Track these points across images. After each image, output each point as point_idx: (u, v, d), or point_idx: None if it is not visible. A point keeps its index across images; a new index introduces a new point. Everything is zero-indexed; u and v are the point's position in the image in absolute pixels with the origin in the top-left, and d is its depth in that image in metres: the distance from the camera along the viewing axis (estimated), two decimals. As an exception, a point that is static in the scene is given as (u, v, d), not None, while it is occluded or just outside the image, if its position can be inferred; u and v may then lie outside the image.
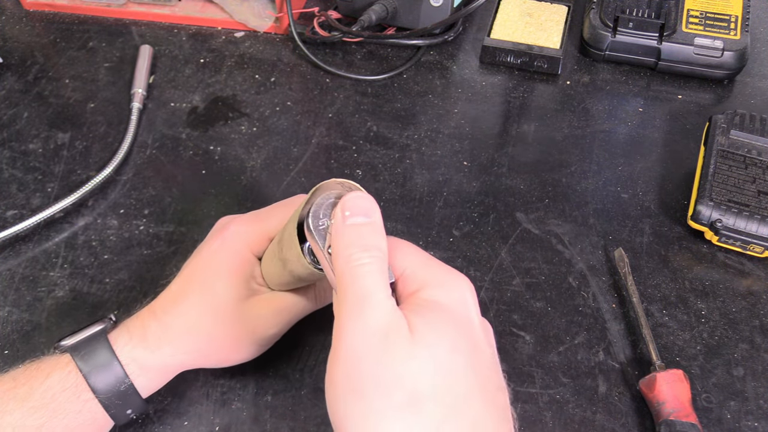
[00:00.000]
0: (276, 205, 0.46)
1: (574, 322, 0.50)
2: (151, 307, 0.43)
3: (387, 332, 0.31)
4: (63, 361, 0.40)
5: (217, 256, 0.43)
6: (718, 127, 0.58)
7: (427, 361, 0.30)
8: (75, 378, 0.39)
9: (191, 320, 0.41)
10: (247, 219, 0.45)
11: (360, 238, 0.34)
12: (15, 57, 0.71)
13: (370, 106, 0.66)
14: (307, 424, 0.44)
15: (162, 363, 0.41)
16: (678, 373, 0.44)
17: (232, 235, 0.43)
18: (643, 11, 0.69)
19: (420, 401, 0.30)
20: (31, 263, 0.53)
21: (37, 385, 0.39)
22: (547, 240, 0.55)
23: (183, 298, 0.42)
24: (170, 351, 0.41)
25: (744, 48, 0.66)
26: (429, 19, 0.70)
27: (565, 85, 0.69)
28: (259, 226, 0.44)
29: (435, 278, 0.34)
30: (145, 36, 0.74)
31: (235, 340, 0.43)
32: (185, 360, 0.42)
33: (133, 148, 0.62)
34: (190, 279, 0.43)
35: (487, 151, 0.62)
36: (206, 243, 0.44)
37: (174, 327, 0.41)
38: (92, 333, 0.41)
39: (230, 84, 0.68)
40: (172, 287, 0.43)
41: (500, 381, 0.33)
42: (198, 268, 0.43)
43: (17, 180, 0.59)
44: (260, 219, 0.45)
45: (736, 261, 0.54)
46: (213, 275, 0.42)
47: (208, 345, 0.42)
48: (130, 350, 0.40)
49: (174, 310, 0.42)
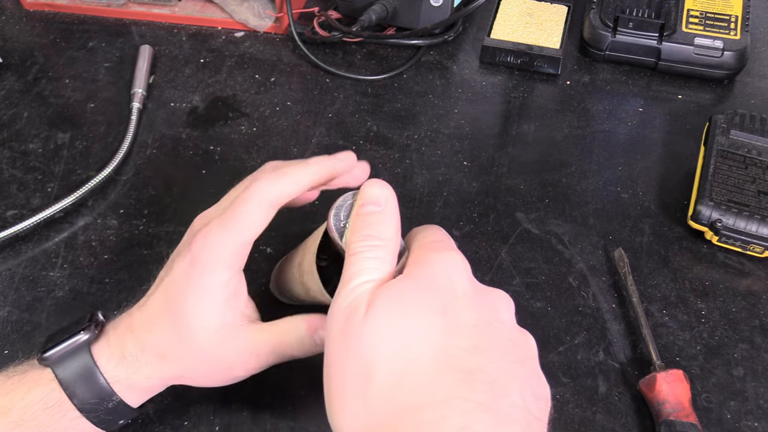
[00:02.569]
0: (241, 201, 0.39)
1: (574, 322, 0.50)
2: (130, 317, 0.40)
3: (348, 313, 0.32)
4: (45, 376, 0.38)
5: (186, 278, 0.38)
6: (718, 127, 0.58)
7: (375, 332, 0.31)
8: (58, 396, 0.37)
9: (164, 348, 0.38)
10: (217, 228, 0.38)
11: (365, 227, 0.35)
12: (15, 57, 0.71)
13: (370, 106, 0.66)
14: (307, 424, 0.44)
15: (145, 383, 0.39)
16: (678, 373, 0.44)
17: (201, 251, 0.38)
18: (643, 11, 0.69)
19: (369, 370, 0.30)
20: (31, 263, 0.53)
21: (17, 399, 0.37)
22: (547, 240, 0.55)
23: (155, 322, 0.39)
24: (148, 373, 0.39)
25: (744, 48, 0.66)
26: (429, 19, 0.70)
27: (565, 85, 0.69)
28: (231, 238, 0.38)
29: (423, 256, 0.34)
30: (145, 36, 0.74)
31: (213, 369, 0.40)
32: (165, 382, 0.40)
33: (133, 148, 0.62)
34: (163, 299, 0.39)
35: (487, 151, 0.62)
36: (178, 255, 0.40)
37: (148, 350, 0.38)
38: (76, 345, 0.38)
39: (230, 84, 0.68)
40: (149, 302, 0.40)
41: (476, 341, 0.31)
42: (169, 288, 0.39)
43: (17, 180, 0.59)
44: (231, 227, 0.38)
45: (736, 261, 0.54)
46: (183, 302, 0.38)
47: (184, 372, 0.40)
48: (113, 368, 0.38)
49: (148, 331, 0.39)
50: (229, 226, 0.38)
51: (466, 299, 0.33)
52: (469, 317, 0.32)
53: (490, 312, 0.33)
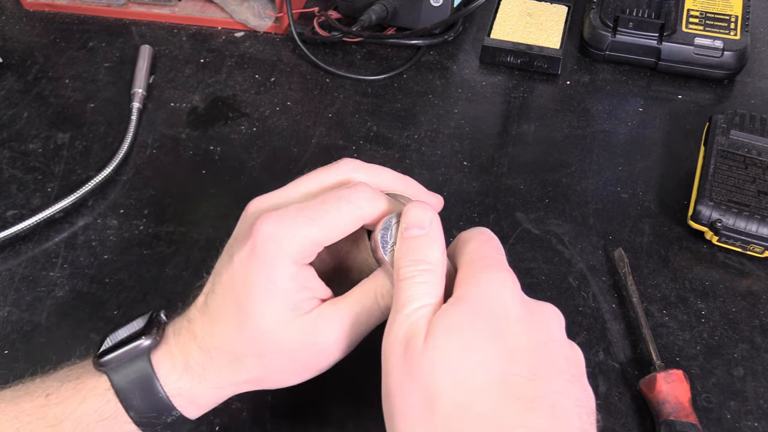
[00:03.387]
0: (335, 199, 0.35)
1: (574, 322, 0.50)
2: (190, 322, 0.37)
3: (407, 339, 0.32)
4: (101, 385, 0.35)
5: (248, 270, 0.34)
6: (718, 127, 0.58)
7: (435, 362, 0.31)
8: (114, 408, 0.35)
9: (235, 350, 0.35)
10: (285, 219, 0.34)
11: (412, 251, 0.34)
12: (15, 57, 0.71)
13: (370, 106, 0.66)
14: (307, 424, 0.44)
15: (212, 395, 0.37)
16: (678, 373, 0.44)
17: (265, 242, 0.34)
18: (643, 11, 0.69)
19: (432, 400, 0.30)
20: (31, 263, 0.53)
21: (70, 410, 0.35)
22: (547, 240, 0.55)
23: (221, 322, 0.36)
24: (216, 383, 0.36)
25: (744, 48, 0.66)
26: (429, 19, 0.70)
27: (565, 85, 0.69)
28: (307, 233, 0.34)
29: (473, 277, 0.34)
30: (145, 36, 0.74)
31: (293, 367, 0.37)
32: (237, 389, 0.37)
33: (133, 148, 0.62)
34: (224, 297, 0.36)
35: (487, 151, 0.62)
36: (236, 246, 0.36)
37: (217, 356, 0.36)
38: (135, 353, 0.35)
39: (230, 84, 0.68)
40: (209, 301, 0.36)
41: (533, 366, 0.31)
42: (230, 283, 0.35)
43: (17, 180, 0.59)
44: (306, 221, 0.34)
45: (736, 261, 0.54)
46: (247, 297, 0.34)
47: (260, 375, 0.37)
48: (176, 381, 0.36)
49: (213, 335, 0.36)
50: (300, 221, 0.34)
51: (519, 322, 0.32)
52: (525, 341, 0.32)
53: (544, 332, 0.33)
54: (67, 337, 0.49)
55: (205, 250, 0.54)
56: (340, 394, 0.46)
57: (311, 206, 0.35)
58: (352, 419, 0.45)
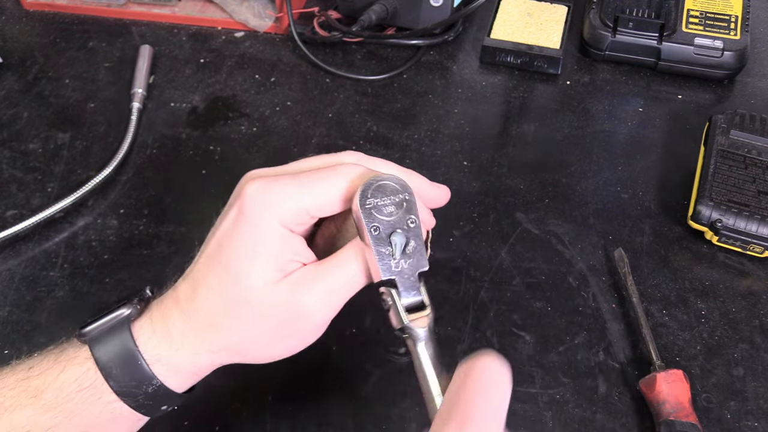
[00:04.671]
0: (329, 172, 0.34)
1: (574, 322, 0.50)
2: (175, 290, 0.36)
3: None
4: (81, 354, 0.35)
5: (235, 230, 0.34)
6: (718, 127, 0.58)
7: None
8: (94, 377, 0.34)
9: (214, 313, 0.34)
10: (276, 181, 0.34)
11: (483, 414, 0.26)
12: (15, 57, 0.71)
13: (370, 106, 0.66)
14: (307, 424, 0.44)
15: (190, 363, 0.35)
16: (678, 373, 0.44)
17: (252, 201, 0.34)
18: (643, 11, 0.69)
19: None
20: (31, 263, 0.53)
21: (50, 380, 0.34)
22: (547, 240, 0.55)
23: (204, 285, 0.35)
24: (195, 348, 0.35)
25: (744, 48, 0.66)
26: (429, 19, 0.70)
27: (565, 85, 0.69)
28: (293, 197, 0.33)
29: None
30: (145, 36, 0.74)
31: (273, 333, 0.35)
32: (215, 359, 0.36)
33: (133, 148, 0.62)
34: (210, 258, 0.35)
35: (487, 151, 0.62)
36: (225, 210, 0.36)
37: (197, 321, 0.35)
38: (115, 321, 0.35)
39: (230, 84, 0.68)
40: (194, 267, 0.36)
41: None
42: (216, 244, 0.35)
43: (17, 180, 0.59)
44: (298, 186, 0.34)
45: (736, 261, 0.54)
46: (232, 256, 0.34)
47: (238, 341, 0.35)
48: (154, 347, 0.35)
49: (195, 297, 0.35)
50: (304, 187, 0.33)
51: None
52: None
53: None
54: (67, 337, 0.49)
55: (205, 250, 0.54)
56: (340, 394, 0.46)
57: (303, 175, 0.34)
58: (352, 419, 0.45)
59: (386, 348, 0.48)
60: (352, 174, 0.34)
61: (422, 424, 0.44)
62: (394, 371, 0.47)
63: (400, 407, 0.45)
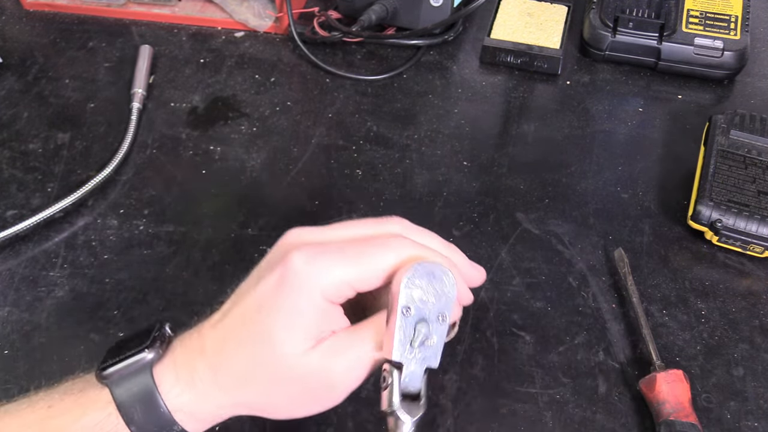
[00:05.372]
0: (379, 244, 0.34)
1: (574, 322, 0.50)
2: (201, 338, 0.36)
3: None
4: (103, 398, 0.35)
5: (276, 298, 0.34)
6: (718, 127, 0.58)
7: None
8: (116, 421, 0.34)
9: (243, 372, 0.34)
10: (323, 254, 0.33)
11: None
12: (15, 57, 0.71)
13: (370, 106, 0.66)
14: (307, 424, 0.44)
15: (212, 414, 0.36)
16: (678, 373, 0.44)
17: (297, 272, 0.33)
18: (643, 11, 0.69)
19: None
20: (31, 263, 0.53)
21: (71, 421, 0.34)
22: (547, 240, 0.55)
23: (235, 343, 0.34)
24: (220, 402, 0.35)
25: (744, 48, 0.66)
26: (429, 19, 0.70)
27: (565, 85, 0.69)
28: (344, 272, 0.33)
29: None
30: (145, 36, 0.74)
31: (298, 397, 0.35)
32: (236, 411, 0.36)
33: (133, 148, 0.62)
34: (244, 320, 0.35)
35: (487, 151, 0.62)
36: (266, 270, 0.35)
37: (224, 376, 0.34)
38: (137, 366, 0.35)
39: (230, 84, 0.68)
40: (226, 319, 0.35)
41: None
42: (253, 307, 0.34)
43: (17, 180, 0.59)
44: (344, 261, 0.33)
45: (736, 261, 0.54)
46: (270, 322, 0.33)
47: (264, 402, 0.35)
48: (177, 395, 0.35)
49: (222, 353, 0.35)
50: (351, 261, 0.33)
51: None
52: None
53: None
54: (67, 337, 0.49)
55: (205, 250, 0.54)
56: (340, 394, 0.46)
57: (351, 246, 0.34)
58: (352, 419, 0.45)
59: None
60: (400, 251, 0.34)
61: (422, 424, 0.44)
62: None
63: (400, 407, 0.45)
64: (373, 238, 0.35)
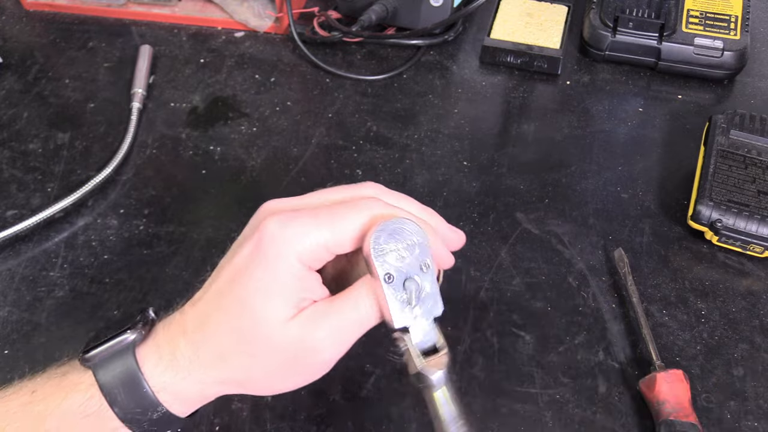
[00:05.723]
0: (350, 207, 0.34)
1: (574, 322, 0.50)
2: (182, 316, 0.36)
3: None
4: (86, 380, 0.34)
5: (252, 266, 0.33)
6: (718, 127, 0.58)
7: None
8: (98, 403, 0.34)
9: (223, 346, 0.34)
10: (296, 218, 0.33)
11: None
12: (15, 57, 0.71)
13: (370, 106, 0.66)
14: (307, 424, 0.44)
15: (196, 391, 0.35)
16: (678, 373, 0.44)
17: (271, 238, 0.33)
18: (643, 11, 0.69)
19: None
20: (31, 263, 0.53)
21: (53, 405, 0.34)
22: (547, 240, 0.55)
23: (214, 317, 0.34)
24: (201, 377, 0.35)
25: (744, 48, 0.66)
26: (429, 19, 0.70)
27: (565, 85, 0.69)
28: (313, 234, 0.33)
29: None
30: (145, 36, 0.74)
31: (281, 368, 0.35)
32: (221, 389, 0.36)
33: (133, 148, 0.62)
34: (222, 293, 0.34)
35: (487, 151, 0.62)
36: (241, 243, 0.35)
37: (206, 352, 0.34)
38: (120, 347, 0.34)
39: (230, 84, 0.68)
40: (205, 296, 0.35)
41: None
42: (230, 277, 0.34)
43: (17, 180, 0.59)
44: (317, 222, 0.33)
45: (736, 261, 0.54)
46: (248, 292, 0.33)
47: (246, 375, 0.35)
48: (160, 374, 0.34)
49: (203, 329, 0.34)
50: (324, 223, 0.33)
51: None
52: None
53: None
54: (67, 337, 0.49)
55: (205, 250, 0.54)
56: (340, 394, 0.46)
57: (324, 210, 0.34)
58: (352, 419, 0.45)
59: (386, 348, 0.48)
60: (372, 210, 0.34)
61: (422, 424, 0.44)
62: (394, 371, 0.47)
63: (400, 407, 0.45)
64: (346, 201, 0.35)
